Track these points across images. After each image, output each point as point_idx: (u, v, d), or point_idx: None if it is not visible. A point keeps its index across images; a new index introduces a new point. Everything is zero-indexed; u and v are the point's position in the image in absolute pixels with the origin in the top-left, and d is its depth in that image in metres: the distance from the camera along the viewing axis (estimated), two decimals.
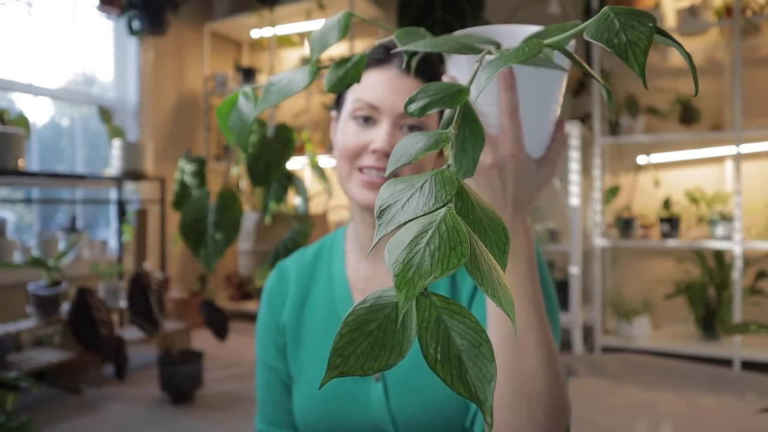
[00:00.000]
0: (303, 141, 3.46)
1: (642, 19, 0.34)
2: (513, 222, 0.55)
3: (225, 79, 4.03)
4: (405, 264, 0.26)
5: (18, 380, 1.27)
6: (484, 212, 0.33)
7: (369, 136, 0.72)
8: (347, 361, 0.27)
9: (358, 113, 0.73)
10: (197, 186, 3.03)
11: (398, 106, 0.71)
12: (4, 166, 2.29)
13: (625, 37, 0.33)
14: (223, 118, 0.54)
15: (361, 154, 0.73)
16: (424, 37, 0.50)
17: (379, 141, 0.71)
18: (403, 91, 0.72)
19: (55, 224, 3.33)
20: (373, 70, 0.74)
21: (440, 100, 0.38)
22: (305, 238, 2.73)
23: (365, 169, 0.72)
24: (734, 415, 2.21)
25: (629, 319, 2.94)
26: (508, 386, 0.55)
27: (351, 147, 0.73)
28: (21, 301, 2.67)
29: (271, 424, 0.83)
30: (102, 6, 2.94)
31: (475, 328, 0.27)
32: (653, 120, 3.09)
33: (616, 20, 0.34)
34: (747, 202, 2.89)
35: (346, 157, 0.74)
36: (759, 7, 2.81)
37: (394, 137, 0.71)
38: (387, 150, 0.70)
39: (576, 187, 2.85)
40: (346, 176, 0.75)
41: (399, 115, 0.72)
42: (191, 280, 3.90)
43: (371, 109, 0.72)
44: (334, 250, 0.85)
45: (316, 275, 0.84)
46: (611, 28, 0.34)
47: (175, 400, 2.41)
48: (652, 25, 0.34)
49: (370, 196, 0.72)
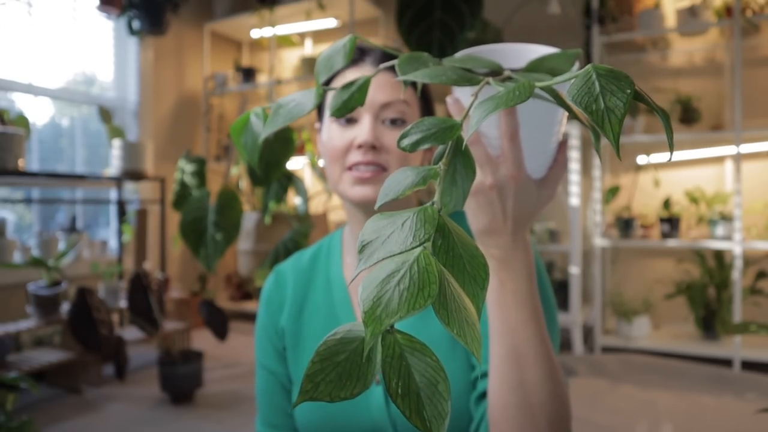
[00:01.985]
0: (303, 141, 3.46)
1: (622, 84, 0.34)
2: (513, 240, 0.55)
3: (225, 79, 4.03)
4: (374, 302, 0.28)
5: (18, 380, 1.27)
6: (465, 248, 0.33)
7: (352, 134, 0.73)
8: (317, 387, 0.29)
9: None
10: (197, 186, 3.03)
11: (376, 100, 0.72)
12: (4, 166, 2.29)
13: (603, 103, 0.33)
14: (237, 136, 0.57)
15: (348, 151, 0.74)
16: (426, 63, 0.51)
17: (362, 135, 0.72)
18: (380, 84, 0.73)
19: (55, 224, 3.33)
20: (347, 70, 0.76)
21: (432, 135, 0.39)
22: (305, 238, 2.73)
23: (354, 166, 0.73)
24: (734, 415, 2.21)
25: (629, 319, 2.94)
26: (511, 399, 0.57)
27: (337, 147, 0.74)
28: (21, 301, 2.67)
29: (271, 427, 0.83)
30: (102, 6, 2.94)
31: (435, 367, 0.29)
32: (653, 120, 3.09)
33: (597, 82, 0.34)
34: (747, 202, 2.89)
35: (334, 158, 0.75)
36: (759, 6, 2.82)
37: (377, 130, 0.73)
38: (371, 142, 0.71)
39: (576, 187, 2.85)
40: (338, 177, 0.75)
41: (378, 109, 0.73)
42: (191, 280, 3.90)
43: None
44: (331, 253, 0.85)
45: (314, 278, 0.85)
46: (591, 92, 0.34)
47: (175, 400, 2.41)
48: (630, 92, 0.34)
49: (364, 191, 0.73)
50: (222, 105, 4.20)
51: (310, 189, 3.84)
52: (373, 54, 0.77)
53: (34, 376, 2.34)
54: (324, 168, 0.80)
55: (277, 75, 3.90)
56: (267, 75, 3.99)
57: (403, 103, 0.74)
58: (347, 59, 0.51)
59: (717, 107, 2.97)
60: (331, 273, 0.83)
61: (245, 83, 3.98)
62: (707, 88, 3.03)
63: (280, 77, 3.85)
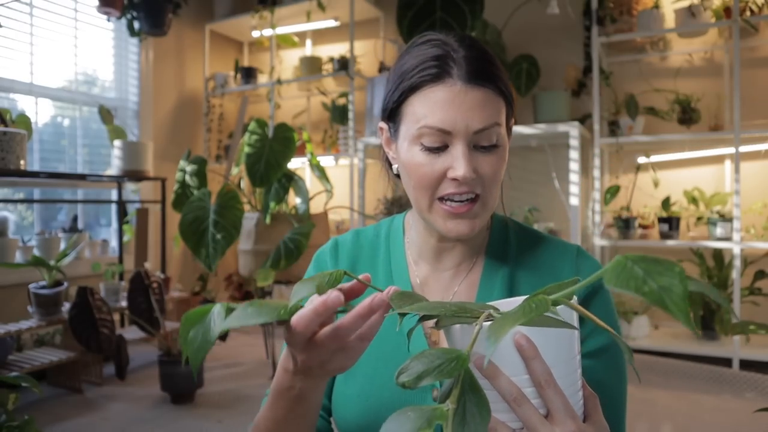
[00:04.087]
0: (303, 141, 3.47)
1: (665, 265, 0.34)
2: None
3: (225, 79, 4.03)
4: None
5: (19, 380, 1.28)
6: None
7: (444, 163, 0.66)
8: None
9: (426, 142, 0.66)
10: (197, 186, 3.04)
11: (471, 126, 0.64)
12: (5, 166, 2.29)
13: (655, 283, 0.33)
14: (188, 326, 0.49)
15: (440, 182, 0.67)
16: (419, 299, 0.48)
17: (460, 169, 0.65)
18: (473, 105, 0.64)
19: (56, 224, 3.34)
20: (431, 88, 0.66)
21: (436, 369, 0.36)
22: (305, 238, 2.73)
23: (446, 198, 0.67)
24: (733, 415, 2.21)
25: (629, 319, 2.94)
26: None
27: (428, 178, 0.67)
28: (22, 301, 2.67)
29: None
30: (102, 7, 2.94)
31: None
32: (652, 120, 3.10)
33: (637, 267, 0.34)
34: (746, 203, 2.90)
35: (423, 188, 0.68)
36: (757, 7, 2.82)
37: (473, 160, 0.66)
38: (470, 177, 0.65)
39: (576, 187, 2.86)
40: (427, 208, 0.69)
41: (473, 135, 0.65)
42: (191, 280, 3.91)
43: (441, 135, 0.65)
44: (392, 241, 0.82)
45: (375, 258, 0.81)
46: (635, 276, 0.33)
47: (176, 400, 2.41)
48: (680, 270, 0.33)
49: (458, 228, 0.68)
50: (222, 105, 4.20)
51: (311, 189, 3.85)
52: (462, 63, 0.65)
53: (35, 376, 2.35)
54: (404, 187, 0.74)
55: (277, 75, 3.91)
56: (267, 75, 4.00)
57: (497, 126, 0.66)
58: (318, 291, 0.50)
59: (716, 107, 2.98)
60: (393, 259, 0.80)
61: (245, 83, 3.99)
62: (706, 88, 3.04)
63: (281, 77, 3.86)
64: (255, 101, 4.27)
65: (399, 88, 0.69)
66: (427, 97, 0.65)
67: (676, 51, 3.16)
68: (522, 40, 3.37)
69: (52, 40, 3.14)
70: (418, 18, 2.48)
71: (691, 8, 2.86)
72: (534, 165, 3.40)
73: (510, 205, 3.43)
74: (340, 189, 3.79)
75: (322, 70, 3.84)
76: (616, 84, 3.19)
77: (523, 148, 3.38)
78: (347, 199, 3.66)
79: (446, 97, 0.65)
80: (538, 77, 3.16)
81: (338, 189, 3.77)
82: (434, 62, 0.66)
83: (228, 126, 4.24)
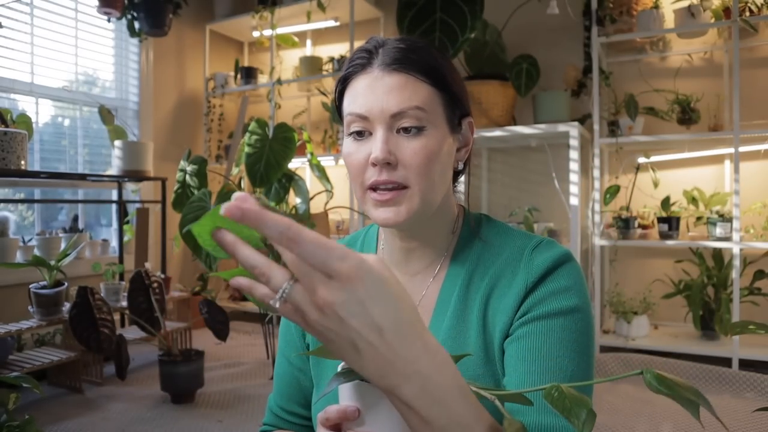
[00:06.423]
0: (303, 141, 3.47)
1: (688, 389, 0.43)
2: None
3: (225, 79, 4.04)
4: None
5: (19, 380, 1.28)
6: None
7: (366, 149, 0.68)
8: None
9: (351, 128, 0.69)
10: (198, 186, 3.04)
11: (387, 109, 0.66)
12: (6, 166, 2.30)
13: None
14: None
15: (365, 169, 0.68)
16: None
17: (375, 151, 0.66)
18: (390, 89, 0.66)
19: (57, 224, 3.34)
20: (357, 78, 0.69)
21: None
22: None
23: (373, 186, 0.68)
24: (733, 414, 2.22)
25: (628, 319, 2.94)
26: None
27: (354, 165, 0.69)
28: (23, 301, 2.68)
29: (280, 408, 0.84)
30: (103, 7, 2.94)
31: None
32: (652, 120, 3.10)
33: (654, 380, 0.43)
34: (745, 202, 2.90)
35: (353, 176, 0.70)
36: (757, 8, 2.82)
37: (389, 142, 0.66)
38: (383, 159, 0.65)
39: (575, 187, 2.86)
40: (361, 197, 0.71)
41: (390, 118, 0.66)
42: (192, 279, 3.91)
43: (362, 121, 0.68)
44: (366, 249, 0.83)
45: None
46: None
47: (176, 400, 2.42)
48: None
49: (385, 215, 0.68)
50: (222, 105, 4.21)
51: (311, 189, 3.85)
52: (383, 53, 0.68)
53: (35, 376, 2.35)
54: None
55: (277, 75, 3.91)
56: (267, 75, 4.00)
57: (418, 110, 0.66)
58: None
59: (716, 108, 2.98)
60: None
61: (246, 83, 3.99)
62: (706, 88, 3.04)
63: (281, 77, 3.86)
64: (255, 101, 4.27)
65: (338, 88, 0.72)
66: (353, 87, 0.69)
67: (675, 51, 3.16)
68: (522, 40, 3.37)
69: (52, 40, 3.14)
70: (418, 18, 2.48)
71: (691, 8, 2.86)
72: (534, 165, 3.41)
73: (510, 205, 3.44)
74: (341, 189, 3.80)
75: (322, 70, 3.84)
76: (615, 84, 3.19)
77: (523, 148, 3.39)
78: (347, 199, 3.66)
79: (366, 83, 0.68)
80: (538, 77, 3.16)
81: (338, 189, 3.77)
82: (361, 55, 0.69)
83: (228, 126, 4.24)
